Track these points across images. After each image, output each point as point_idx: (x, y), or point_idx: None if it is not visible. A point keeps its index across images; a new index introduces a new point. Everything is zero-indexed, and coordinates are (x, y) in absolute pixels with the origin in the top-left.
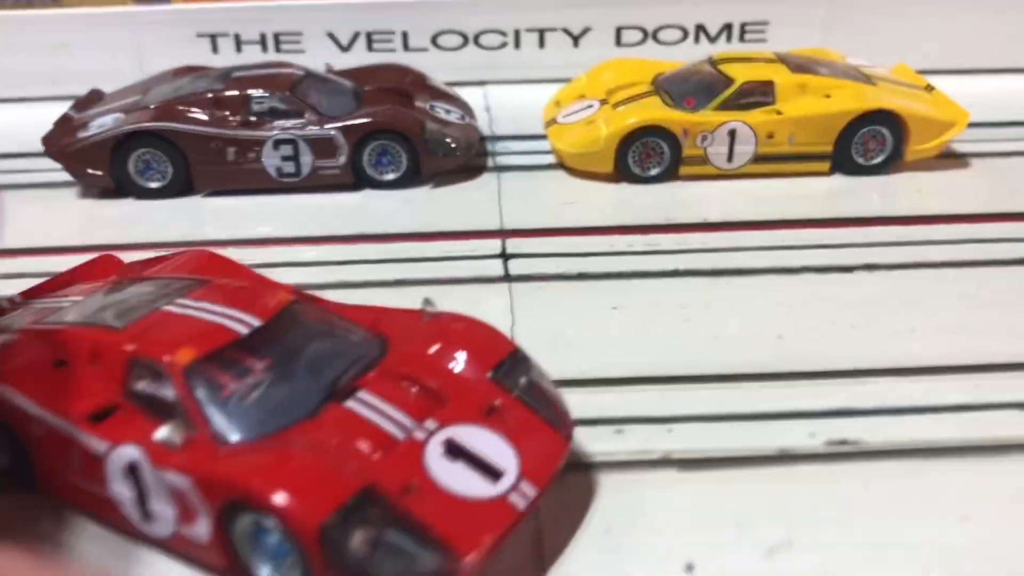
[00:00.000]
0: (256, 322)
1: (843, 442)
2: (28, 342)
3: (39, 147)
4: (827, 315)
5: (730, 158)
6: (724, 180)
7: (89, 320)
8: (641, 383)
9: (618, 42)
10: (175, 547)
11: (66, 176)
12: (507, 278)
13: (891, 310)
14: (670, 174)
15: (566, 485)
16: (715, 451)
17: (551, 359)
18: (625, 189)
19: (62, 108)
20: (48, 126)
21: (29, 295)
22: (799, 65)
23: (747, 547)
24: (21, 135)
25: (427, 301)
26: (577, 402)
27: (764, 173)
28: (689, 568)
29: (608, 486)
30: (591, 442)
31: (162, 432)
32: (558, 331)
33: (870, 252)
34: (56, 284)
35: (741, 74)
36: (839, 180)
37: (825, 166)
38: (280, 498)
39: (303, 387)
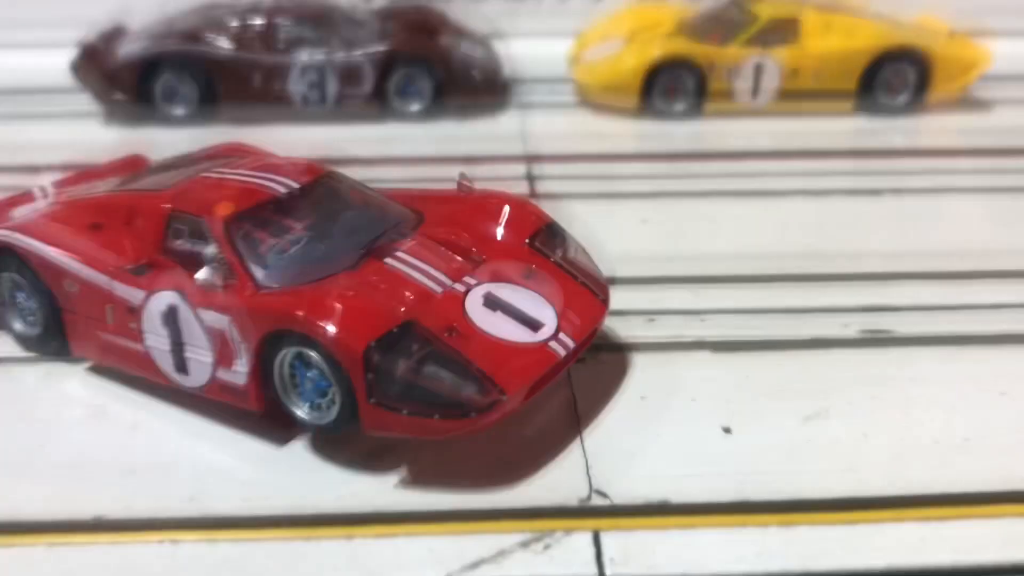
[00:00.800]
0: (294, 185)
1: (876, 331)
2: (64, 209)
3: (62, 83)
4: (856, 230)
5: (755, 93)
6: (748, 118)
7: (126, 190)
8: (672, 282)
9: None
10: (209, 395)
11: (89, 107)
12: (533, 195)
13: (920, 227)
14: (695, 110)
15: (599, 362)
16: (748, 337)
17: None
18: (650, 124)
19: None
20: (65, 65)
21: (61, 184)
22: (823, 5)
23: (783, 415)
24: (42, 74)
25: (463, 175)
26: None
27: (789, 111)
28: (727, 431)
29: (642, 364)
30: (623, 328)
31: (203, 273)
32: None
33: (896, 179)
34: (87, 175)
35: (766, 11)
36: (863, 119)
37: (849, 105)
38: (324, 324)
39: (341, 244)
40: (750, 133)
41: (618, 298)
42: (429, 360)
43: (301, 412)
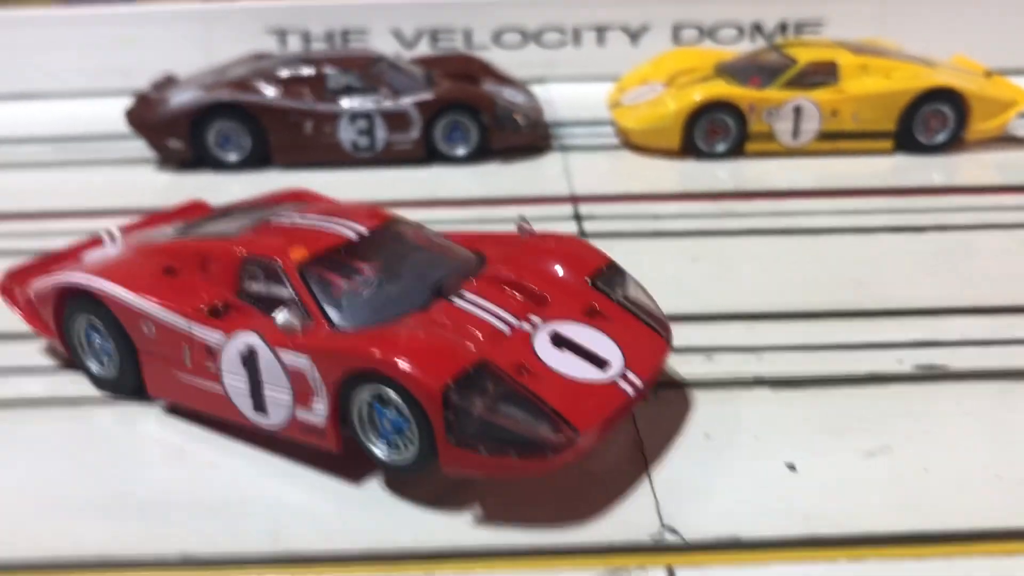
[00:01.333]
0: (362, 229)
1: (931, 367)
2: (138, 255)
3: (116, 130)
4: (902, 266)
5: (795, 135)
6: (790, 158)
7: (197, 235)
8: (726, 319)
9: (675, 39)
10: (288, 435)
11: (144, 153)
12: (582, 234)
13: (964, 262)
14: (736, 151)
15: (661, 400)
16: (806, 373)
17: None
18: (692, 164)
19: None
20: (121, 113)
21: (128, 229)
22: (860, 48)
23: (845, 451)
24: (97, 122)
25: (522, 218)
26: None
27: (829, 151)
28: (791, 468)
29: (703, 401)
30: (682, 366)
31: (281, 315)
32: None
33: (939, 216)
34: (153, 220)
35: (804, 55)
36: (902, 158)
37: (888, 144)
38: (404, 364)
39: (411, 286)
40: (792, 172)
41: (675, 335)
42: (505, 399)
43: (379, 451)
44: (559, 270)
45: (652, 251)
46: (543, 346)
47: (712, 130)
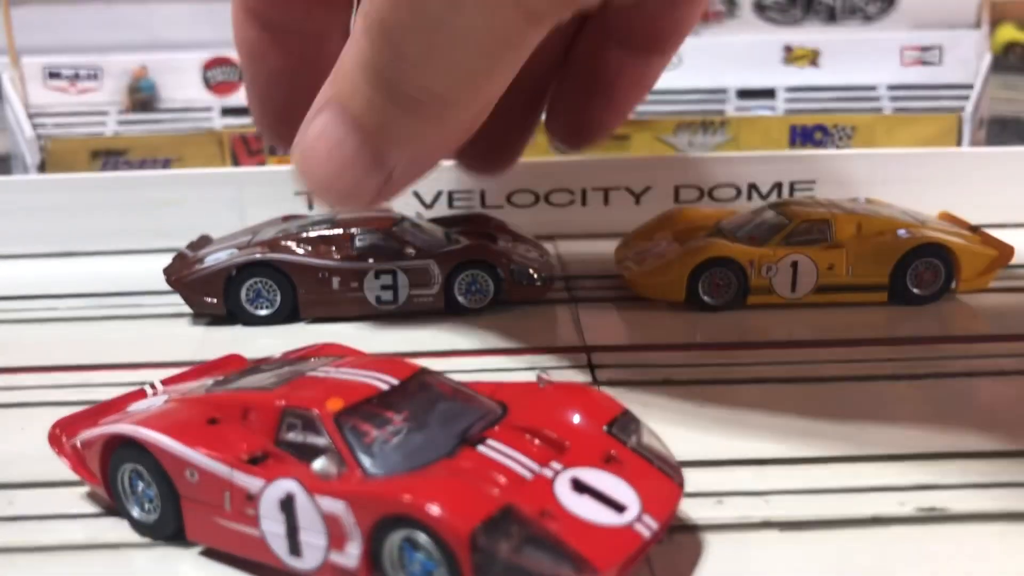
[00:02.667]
0: (393, 381)
1: (932, 508)
2: (181, 406)
3: (154, 287)
4: (903, 412)
5: (794, 288)
6: (789, 309)
7: (237, 387)
8: (735, 464)
9: (676, 199)
10: None
11: (180, 308)
12: (595, 383)
13: (963, 408)
14: (739, 303)
15: (676, 544)
16: (812, 516)
17: None
18: (697, 316)
19: (169, 258)
20: (158, 271)
21: (169, 382)
22: (852, 208)
23: None
24: (135, 279)
25: (543, 372)
26: None
27: (826, 303)
28: None
29: (715, 543)
30: (694, 510)
31: (319, 463)
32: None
33: (936, 364)
34: (192, 375)
35: (799, 214)
36: (897, 309)
37: (883, 296)
38: (433, 509)
39: (439, 433)
40: (793, 323)
41: (687, 480)
42: (529, 542)
43: None
44: (577, 418)
45: (662, 398)
46: (564, 491)
47: (715, 283)
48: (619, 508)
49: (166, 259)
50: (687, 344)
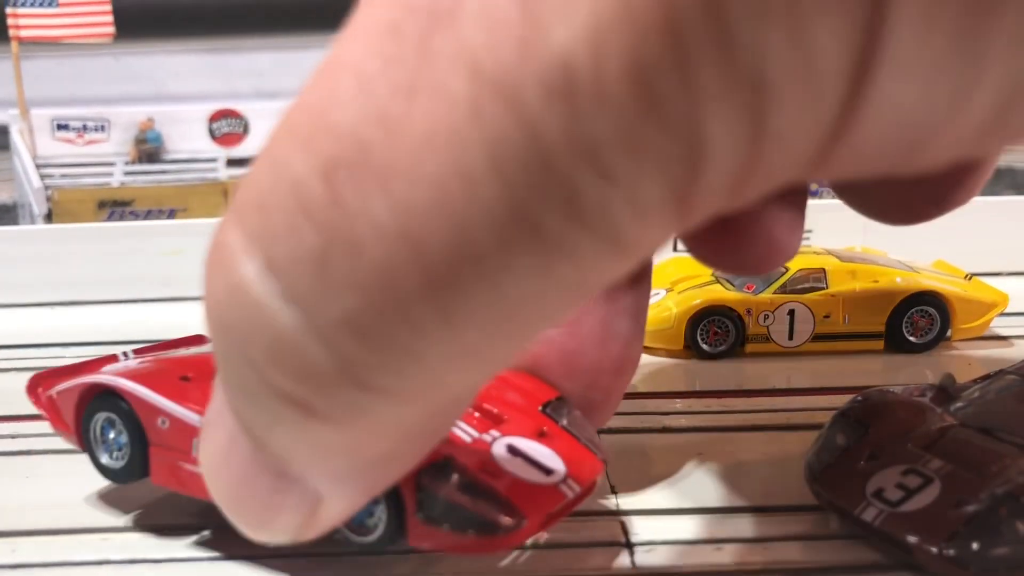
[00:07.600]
0: None
1: None
2: (155, 364)
3: (155, 336)
4: None
5: (791, 336)
6: (786, 358)
7: (206, 352)
8: (733, 512)
9: (674, 247)
10: None
11: None
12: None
13: None
14: (736, 352)
15: None
16: (812, 563)
17: (645, 489)
18: (695, 364)
19: (176, 307)
20: (164, 320)
21: (140, 352)
22: (847, 257)
23: None
24: (139, 328)
25: None
26: (670, 527)
27: (824, 351)
28: None
29: None
30: (692, 556)
31: None
32: (649, 471)
33: None
34: (161, 347)
35: (795, 263)
36: (893, 357)
37: (879, 344)
38: None
39: None
40: (790, 371)
41: (684, 527)
42: (466, 487)
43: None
44: (515, 397)
45: (660, 446)
46: (500, 453)
47: (713, 331)
48: (547, 471)
49: (172, 308)
50: (685, 392)
